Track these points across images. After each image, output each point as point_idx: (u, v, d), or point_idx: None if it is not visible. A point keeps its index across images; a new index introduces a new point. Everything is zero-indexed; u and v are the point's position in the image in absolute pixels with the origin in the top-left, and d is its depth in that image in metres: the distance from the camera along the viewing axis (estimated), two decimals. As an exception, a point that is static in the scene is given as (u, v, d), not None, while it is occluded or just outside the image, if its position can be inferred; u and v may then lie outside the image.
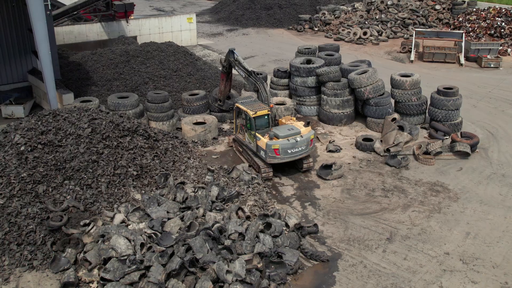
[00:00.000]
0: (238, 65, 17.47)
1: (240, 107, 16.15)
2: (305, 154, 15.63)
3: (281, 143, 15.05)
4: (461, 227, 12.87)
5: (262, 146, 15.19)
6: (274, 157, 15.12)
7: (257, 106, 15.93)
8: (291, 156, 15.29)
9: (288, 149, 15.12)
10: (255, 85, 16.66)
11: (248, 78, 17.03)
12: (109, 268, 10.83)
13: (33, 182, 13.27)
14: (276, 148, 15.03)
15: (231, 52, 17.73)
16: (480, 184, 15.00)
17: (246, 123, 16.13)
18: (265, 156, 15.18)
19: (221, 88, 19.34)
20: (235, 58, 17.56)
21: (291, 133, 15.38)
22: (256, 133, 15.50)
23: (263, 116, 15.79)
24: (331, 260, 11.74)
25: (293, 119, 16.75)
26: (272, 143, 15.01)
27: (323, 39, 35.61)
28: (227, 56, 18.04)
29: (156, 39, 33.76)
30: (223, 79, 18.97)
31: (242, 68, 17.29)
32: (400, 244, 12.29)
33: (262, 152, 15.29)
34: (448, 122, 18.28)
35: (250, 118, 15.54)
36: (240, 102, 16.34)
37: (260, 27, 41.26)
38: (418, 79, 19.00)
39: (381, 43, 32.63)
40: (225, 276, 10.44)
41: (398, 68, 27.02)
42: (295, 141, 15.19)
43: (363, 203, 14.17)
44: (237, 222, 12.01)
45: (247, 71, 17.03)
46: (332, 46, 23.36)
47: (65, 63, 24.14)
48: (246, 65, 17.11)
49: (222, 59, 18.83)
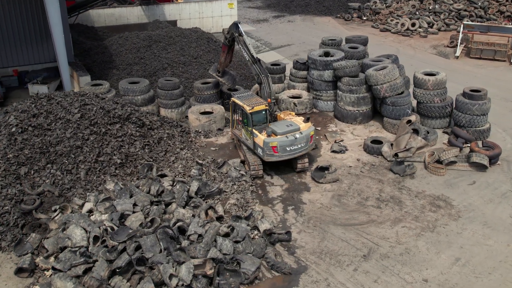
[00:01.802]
0: (243, 45, 16.42)
1: (237, 102, 15.29)
2: (304, 152, 14.68)
3: (279, 140, 14.15)
4: (452, 251, 11.34)
5: (260, 144, 14.36)
6: (272, 155, 14.26)
7: (254, 100, 15.04)
8: (290, 153, 14.37)
9: (286, 147, 14.21)
10: (258, 76, 15.72)
11: (252, 66, 16.00)
12: (61, 258, 10.71)
13: (17, 164, 13.49)
14: (274, 145, 14.15)
15: (236, 25, 16.69)
16: (490, 202, 13.17)
17: (243, 118, 15.33)
18: (263, 154, 14.35)
19: (221, 60, 18.42)
20: (240, 33, 16.50)
21: (290, 130, 14.40)
22: (253, 129, 14.67)
23: (261, 112, 14.90)
24: (294, 273, 10.82)
25: (292, 114, 15.73)
26: (269, 140, 14.15)
27: (369, 29, 33.57)
28: (231, 28, 17.02)
29: (196, 24, 33.75)
30: (224, 51, 18.05)
31: (246, 49, 16.26)
32: (375, 263, 11.06)
33: (260, 150, 14.46)
34: (472, 128, 16.30)
35: (247, 113, 14.69)
36: (236, 96, 15.45)
37: (308, 15, 39.82)
38: (443, 79, 17.08)
39: (430, 35, 30.08)
40: (168, 280, 9.92)
41: (438, 64, 24.74)
42: (294, 138, 14.23)
43: (351, 213, 12.97)
44: (199, 222, 11.42)
45: (252, 57, 16.00)
46: (359, 38, 21.70)
47: (94, 46, 24.63)
48: (252, 50, 16.07)
49: (225, 29, 17.76)
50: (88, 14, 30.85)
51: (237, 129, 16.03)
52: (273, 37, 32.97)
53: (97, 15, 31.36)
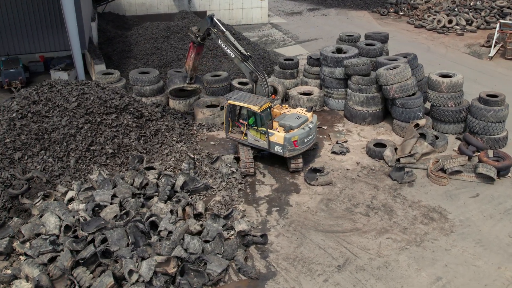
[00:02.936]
0: (227, 42, 15.13)
1: (238, 104, 14.48)
2: (315, 141, 15.06)
3: (298, 133, 14.00)
4: (434, 269, 10.50)
5: (279, 141, 13.99)
6: (294, 149, 14.04)
7: (257, 100, 14.39)
8: (306, 145, 14.40)
9: (304, 138, 14.22)
10: (252, 73, 15.17)
11: (243, 63, 15.09)
12: (33, 244, 10.91)
13: (13, 149, 13.87)
14: (295, 139, 13.95)
15: (211, 19, 15.21)
16: (490, 218, 12.10)
17: (249, 120, 14.55)
18: (283, 151, 14.04)
19: (194, 64, 16.18)
20: (219, 29, 15.09)
21: (302, 121, 14.36)
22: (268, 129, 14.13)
23: (266, 110, 14.47)
24: (261, 279, 10.42)
25: (285, 106, 15.22)
26: (290, 135, 13.90)
27: (403, 25, 32.04)
28: (204, 24, 15.32)
29: (225, 15, 33.61)
30: (199, 53, 16.03)
31: (232, 47, 15.05)
32: (349, 276, 10.44)
33: (278, 147, 14.08)
34: (486, 136, 15.07)
35: (257, 114, 14.15)
36: (233, 98, 14.55)
37: (343, 8, 38.61)
38: (459, 81, 15.88)
39: (467, 34, 28.22)
40: (127, 275, 9.82)
41: (469, 64, 23.18)
42: (309, 128, 14.32)
43: (336, 219, 12.34)
44: (171, 219, 11.23)
45: (241, 54, 15.08)
46: (379, 34, 20.61)
47: (117, 34, 24.98)
48: (239, 46, 15.17)
49: (194, 28, 15.76)
50: (120, 3, 31.38)
51: (233, 132, 15.09)
52: (302, 30, 32.18)
53: (128, 4, 31.85)
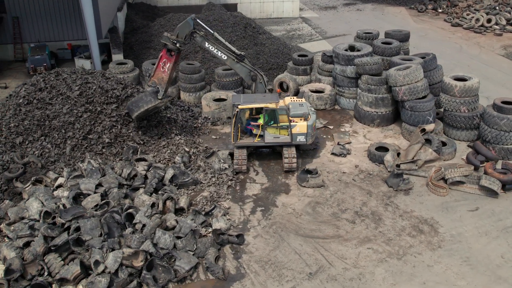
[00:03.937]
0: (216, 45, 14.27)
1: (251, 107, 14.02)
2: None
3: (313, 118, 14.40)
4: (411, 286, 9.86)
5: (303, 130, 13.91)
6: (314, 134, 14.54)
7: (267, 97, 14.13)
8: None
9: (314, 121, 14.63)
10: (250, 72, 14.81)
11: (238, 64, 14.66)
12: (15, 227, 11.24)
13: (16, 133, 14.38)
14: (315, 124, 14.53)
15: (193, 20, 14.04)
16: (485, 235, 11.22)
17: (266, 119, 13.98)
18: (307, 139, 14.07)
19: (170, 76, 14.25)
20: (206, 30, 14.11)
21: (307, 106, 14.46)
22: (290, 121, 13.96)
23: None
24: (228, 280, 10.21)
25: None
26: (311, 122, 14.09)
27: (440, 23, 30.46)
28: (186, 27, 13.91)
29: (256, 8, 33.32)
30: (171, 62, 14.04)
31: (225, 49, 14.37)
32: (318, 285, 10.01)
33: (301, 137, 13.96)
34: (499, 145, 14.00)
35: (276, 110, 13.82)
36: (242, 103, 13.88)
37: (380, 4, 37.21)
38: (474, 86, 14.83)
39: (506, 34, 26.40)
40: (93, 265, 9.91)
41: (500, 67, 21.69)
42: (313, 111, 14.88)
43: (319, 224, 11.89)
44: (146, 212, 11.22)
45: (235, 55, 14.60)
46: (400, 33, 19.58)
47: (142, 25, 25.32)
48: (232, 46, 14.75)
49: (169, 34, 14.09)
50: (152, -7, 31.80)
51: (245, 138, 14.37)
52: (333, 25, 31.32)
53: (160, -6, 32.19)
